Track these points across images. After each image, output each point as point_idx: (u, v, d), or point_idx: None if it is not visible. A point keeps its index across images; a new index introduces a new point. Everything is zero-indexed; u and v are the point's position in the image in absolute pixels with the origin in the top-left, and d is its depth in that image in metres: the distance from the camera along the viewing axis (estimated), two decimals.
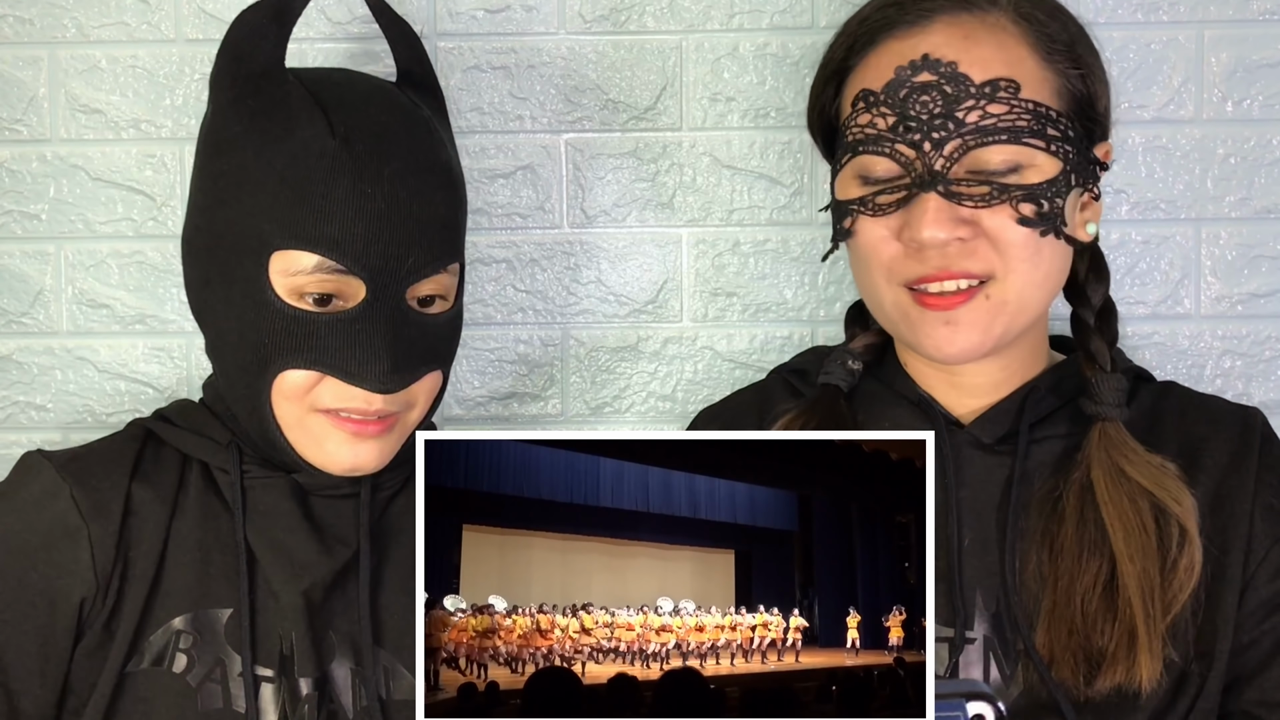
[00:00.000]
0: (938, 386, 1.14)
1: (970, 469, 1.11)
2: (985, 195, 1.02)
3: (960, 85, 1.02)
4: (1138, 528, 1.04)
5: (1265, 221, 1.38)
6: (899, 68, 1.04)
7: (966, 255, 1.03)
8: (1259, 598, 1.06)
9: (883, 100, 1.04)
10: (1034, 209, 1.02)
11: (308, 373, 1.04)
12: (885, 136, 1.04)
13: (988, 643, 1.08)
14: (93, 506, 1.08)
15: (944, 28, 1.04)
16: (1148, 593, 1.03)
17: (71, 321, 1.40)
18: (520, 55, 1.39)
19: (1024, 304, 1.06)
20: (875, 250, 1.06)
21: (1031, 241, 1.03)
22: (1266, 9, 1.36)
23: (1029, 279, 1.04)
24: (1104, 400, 1.09)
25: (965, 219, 1.02)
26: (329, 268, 1.02)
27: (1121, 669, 1.02)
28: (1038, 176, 1.03)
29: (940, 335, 1.05)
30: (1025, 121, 1.02)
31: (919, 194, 1.03)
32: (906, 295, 1.06)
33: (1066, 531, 1.06)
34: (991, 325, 1.05)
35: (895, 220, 1.05)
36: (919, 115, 1.02)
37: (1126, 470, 1.06)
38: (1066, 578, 1.05)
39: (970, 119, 1.02)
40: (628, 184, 1.40)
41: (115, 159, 1.39)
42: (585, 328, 1.41)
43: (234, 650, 1.08)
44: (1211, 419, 1.12)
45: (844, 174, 1.08)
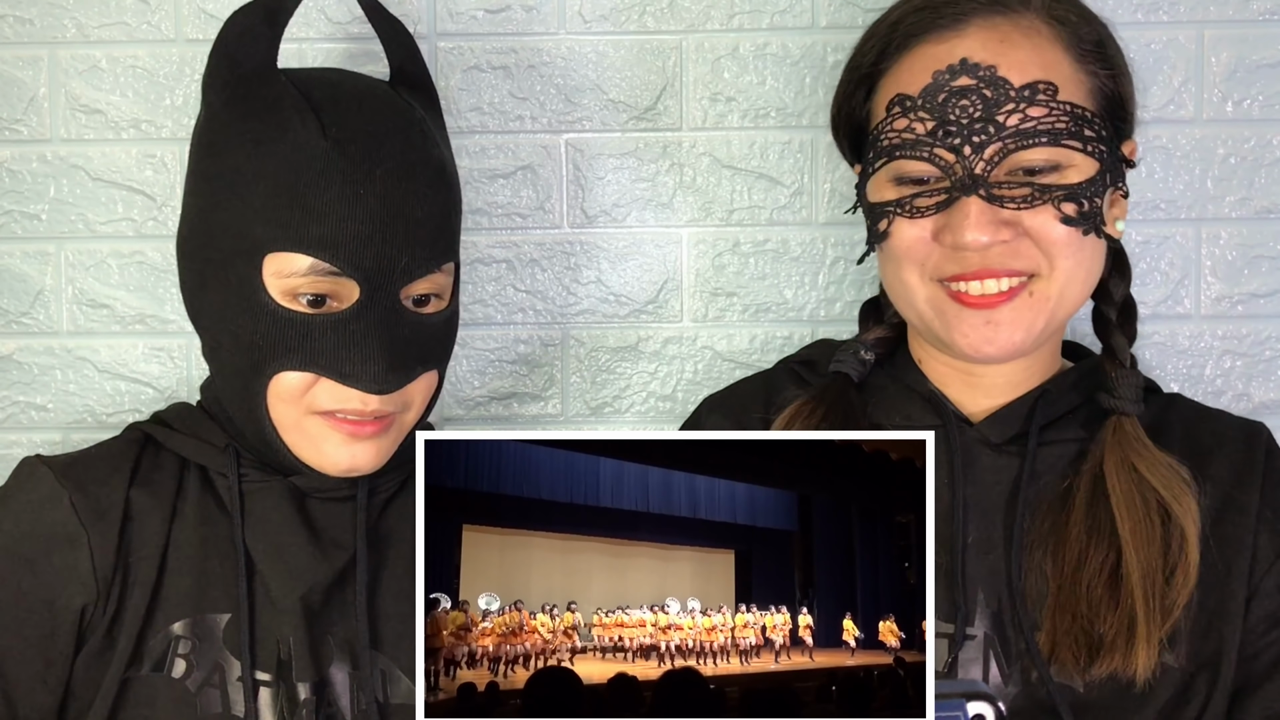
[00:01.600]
0: (952, 383, 1.14)
1: (978, 467, 1.11)
2: (1027, 196, 1.02)
3: (1000, 89, 1.02)
4: (1144, 521, 1.05)
5: (1265, 221, 1.38)
6: (936, 72, 1.03)
7: (1011, 255, 1.03)
8: (1263, 610, 1.06)
9: (920, 105, 1.04)
10: (1075, 208, 1.03)
11: (303, 374, 1.04)
12: (924, 141, 1.04)
13: (988, 640, 1.08)
14: (92, 512, 1.08)
15: (979, 31, 1.04)
16: (1150, 585, 1.03)
17: (71, 321, 1.40)
18: (520, 55, 1.39)
19: (1065, 299, 1.06)
20: (911, 249, 1.06)
21: (1075, 239, 1.04)
22: (1266, 9, 1.36)
23: (1073, 275, 1.05)
24: (1122, 395, 1.09)
25: (1007, 220, 1.03)
26: (322, 269, 1.02)
27: (1119, 656, 1.02)
28: (1077, 176, 1.03)
29: (980, 334, 1.05)
30: (1064, 124, 1.02)
31: (960, 197, 1.02)
32: (943, 291, 1.06)
33: (1076, 518, 1.07)
34: (1034, 322, 1.05)
35: (933, 222, 1.05)
36: (959, 119, 1.02)
37: (1138, 466, 1.06)
38: (1073, 563, 1.06)
39: (1010, 122, 1.02)
40: (628, 184, 1.40)
41: (115, 159, 1.39)
42: (585, 328, 1.41)
43: (233, 655, 1.08)
44: (1217, 433, 1.12)
45: (878, 177, 1.08)
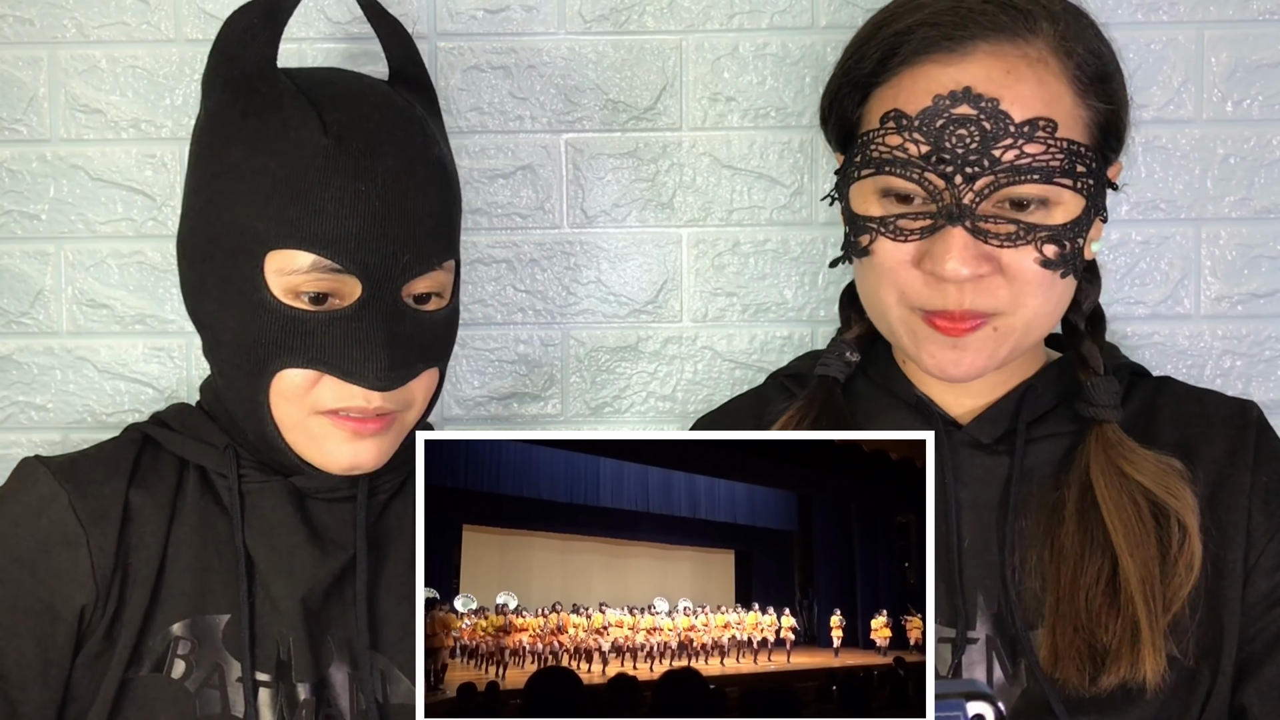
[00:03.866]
0: (934, 386, 1.14)
1: (969, 469, 1.11)
2: (1011, 235, 1.01)
3: (999, 123, 1.00)
4: (1137, 526, 1.04)
5: (1265, 221, 1.38)
6: (938, 96, 1.01)
7: (982, 292, 1.02)
8: (1259, 591, 1.06)
9: (916, 126, 1.02)
10: (1056, 250, 1.02)
11: (305, 372, 1.04)
12: (915, 163, 1.02)
13: (990, 642, 1.08)
14: (91, 513, 1.08)
15: (985, 58, 1.02)
16: (1149, 588, 1.03)
17: (71, 321, 1.40)
18: (520, 55, 1.39)
19: (1030, 330, 1.06)
20: (892, 273, 1.05)
21: (1047, 279, 1.03)
22: (1266, 9, 1.36)
23: (1038, 311, 1.05)
24: (1099, 402, 1.09)
25: (988, 255, 1.02)
26: (324, 266, 1.02)
27: (1126, 664, 1.02)
28: (1063, 216, 1.02)
29: (946, 357, 1.05)
30: (1059, 161, 1.01)
31: (945, 226, 1.01)
32: (915, 315, 1.06)
33: (1068, 530, 1.06)
34: (998, 351, 1.05)
35: (916, 248, 1.04)
36: (954, 148, 1.01)
37: (1125, 470, 1.06)
38: (1070, 576, 1.05)
39: (1006, 158, 1.00)
40: (628, 184, 1.40)
41: (115, 159, 1.39)
42: (585, 328, 1.41)
43: (232, 656, 1.08)
44: (1207, 412, 1.12)
45: (863, 186, 1.06)
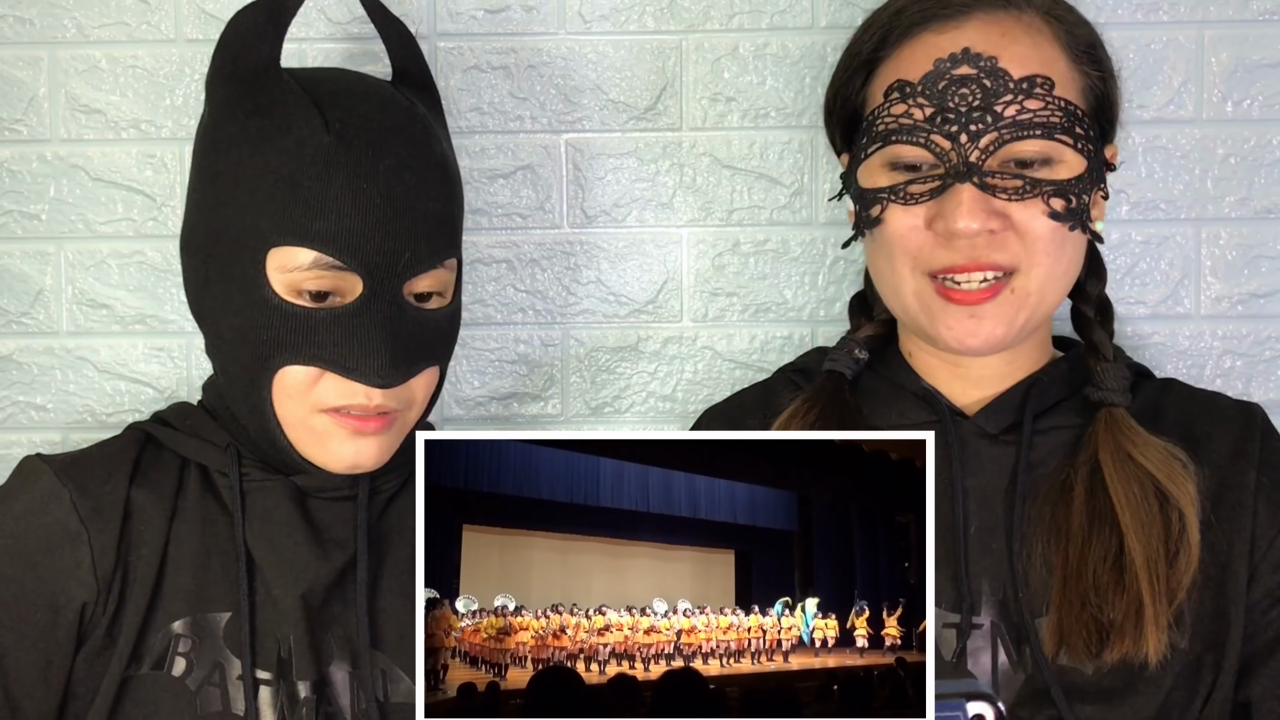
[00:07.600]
0: (942, 378, 1.15)
1: (976, 458, 1.12)
2: (1019, 189, 1.04)
3: (999, 79, 1.04)
4: (1143, 507, 1.06)
5: (1265, 221, 1.38)
6: (938, 60, 1.05)
7: (995, 247, 1.05)
8: (1263, 589, 1.07)
9: (920, 91, 1.06)
10: (1064, 204, 1.05)
11: (307, 369, 1.04)
12: (921, 127, 1.05)
13: (995, 628, 1.08)
14: (93, 511, 1.08)
15: (981, 24, 1.06)
16: (1154, 568, 1.05)
17: (71, 321, 1.40)
18: (520, 55, 1.39)
19: (1045, 295, 1.08)
20: (904, 238, 1.08)
21: (1058, 235, 1.05)
22: (1266, 9, 1.36)
23: (1051, 271, 1.07)
24: (1108, 386, 1.11)
25: (997, 211, 1.05)
26: (326, 264, 1.02)
27: (1129, 640, 1.04)
28: (1067, 172, 1.05)
29: (964, 328, 1.07)
30: (1058, 118, 1.04)
31: (954, 184, 1.04)
32: (930, 286, 1.08)
33: (1076, 507, 1.08)
34: (1015, 318, 1.07)
35: (926, 210, 1.06)
36: (957, 107, 1.04)
37: (1132, 454, 1.08)
38: (1077, 553, 1.07)
39: (1008, 113, 1.04)
40: (628, 184, 1.40)
41: (115, 159, 1.39)
42: (585, 328, 1.41)
43: (233, 653, 1.08)
44: (1212, 414, 1.13)
45: (871, 163, 1.10)
